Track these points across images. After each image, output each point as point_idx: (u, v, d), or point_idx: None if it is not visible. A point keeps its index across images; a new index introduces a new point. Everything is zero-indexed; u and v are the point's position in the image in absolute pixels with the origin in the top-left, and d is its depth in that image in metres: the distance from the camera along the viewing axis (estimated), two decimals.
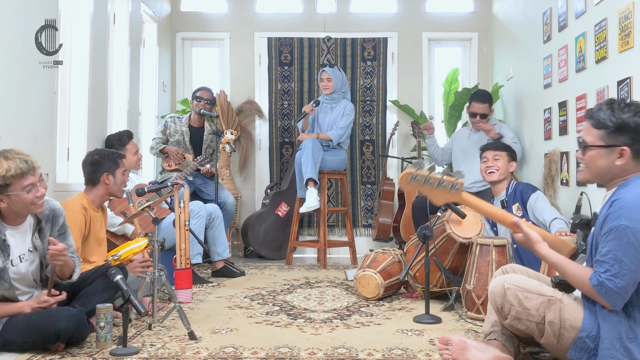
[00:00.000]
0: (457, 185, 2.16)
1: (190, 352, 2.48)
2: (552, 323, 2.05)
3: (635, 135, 2.03)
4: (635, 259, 1.93)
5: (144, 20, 5.52)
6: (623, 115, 2.03)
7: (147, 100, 5.58)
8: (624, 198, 1.99)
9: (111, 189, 3.24)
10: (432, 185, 2.17)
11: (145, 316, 2.74)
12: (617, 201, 2.00)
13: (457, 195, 2.17)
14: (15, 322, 2.43)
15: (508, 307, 2.12)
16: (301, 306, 3.41)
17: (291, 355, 2.44)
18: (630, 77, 3.16)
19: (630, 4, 3.15)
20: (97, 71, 4.34)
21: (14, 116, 3.23)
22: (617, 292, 1.95)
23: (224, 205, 4.76)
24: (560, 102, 4.14)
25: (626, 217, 1.95)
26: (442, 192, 2.16)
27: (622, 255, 1.94)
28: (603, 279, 1.96)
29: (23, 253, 2.53)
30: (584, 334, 2.01)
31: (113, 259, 3.03)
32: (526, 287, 2.13)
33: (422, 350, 2.50)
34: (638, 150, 2.05)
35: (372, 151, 6.18)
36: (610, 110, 2.06)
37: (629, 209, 1.96)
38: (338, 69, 5.23)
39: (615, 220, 1.97)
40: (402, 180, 2.18)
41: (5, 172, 2.36)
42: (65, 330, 2.39)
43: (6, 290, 2.47)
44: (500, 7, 5.78)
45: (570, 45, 3.98)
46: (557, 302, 2.07)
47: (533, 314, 2.08)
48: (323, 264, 4.97)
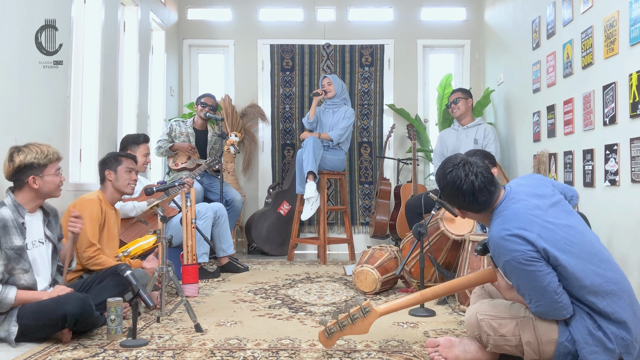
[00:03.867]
0: (367, 308, 2.27)
1: (197, 344, 2.48)
2: (530, 342, 2.03)
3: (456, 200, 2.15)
4: (537, 278, 1.94)
5: (153, 28, 5.52)
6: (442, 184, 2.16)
7: (155, 104, 5.58)
8: (491, 237, 2.03)
9: (114, 184, 3.30)
10: (347, 325, 2.27)
11: (154, 309, 2.74)
12: (489, 241, 2.06)
13: (374, 314, 2.29)
14: (28, 307, 2.45)
15: (486, 337, 2.11)
16: (302, 300, 3.41)
17: (292, 346, 2.44)
18: (615, 82, 3.16)
19: (615, 12, 3.15)
20: (108, 76, 4.34)
21: (29, 119, 3.24)
22: (550, 309, 1.97)
23: (232, 202, 4.77)
24: (549, 106, 4.14)
25: (503, 253, 1.98)
26: (360, 321, 2.28)
27: (525, 284, 1.98)
28: (533, 309, 2.01)
29: (36, 240, 2.61)
30: (562, 339, 2.00)
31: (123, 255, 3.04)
32: (498, 314, 2.11)
33: (417, 342, 2.50)
34: (461, 205, 2.15)
35: (369, 152, 6.18)
36: (438, 177, 2.20)
37: (500, 245, 1.98)
38: (337, 77, 5.32)
39: (499, 258, 2.01)
40: (322, 341, 2.28)
41: (45, 155, 2.57)
42: (71, 313, 2.41)
43: (26, 272, 2.51)
44: (492, 16, 5.78)
45: (558, 52, 3.98)
46: (530, 321, 2.05)
47: (510, 339, 2.07)
48: (323, 260, 4.97)
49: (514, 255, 1.94)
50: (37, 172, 2.55)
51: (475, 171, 2.08)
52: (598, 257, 2.01)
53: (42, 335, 2.49)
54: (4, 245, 2.44)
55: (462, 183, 2.08)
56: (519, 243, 1.94)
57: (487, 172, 2.10)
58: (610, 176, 3.22)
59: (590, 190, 3.41)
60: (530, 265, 1.93)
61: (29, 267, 2.52)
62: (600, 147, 3.34)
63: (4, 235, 2.45)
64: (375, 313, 2.29)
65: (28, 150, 2.55)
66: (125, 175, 3.30)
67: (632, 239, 2.97)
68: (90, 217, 3.07)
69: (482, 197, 2.08)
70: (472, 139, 4.57)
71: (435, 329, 2.73)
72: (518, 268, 1.95)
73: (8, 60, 3.03)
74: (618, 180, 3.13)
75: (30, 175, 2.53)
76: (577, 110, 3.67)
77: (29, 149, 2.56)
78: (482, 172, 2.09)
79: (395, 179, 5.98)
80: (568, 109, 3.79)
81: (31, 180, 2.54)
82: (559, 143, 3.96)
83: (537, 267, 1.93)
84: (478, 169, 2.09)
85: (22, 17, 3.17)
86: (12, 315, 2.45)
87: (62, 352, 2.36)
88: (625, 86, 3.05)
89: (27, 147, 2.57)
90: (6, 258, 2.45)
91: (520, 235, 1.95)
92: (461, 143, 4.62)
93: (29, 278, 2.52)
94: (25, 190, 2.56)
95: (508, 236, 1.96)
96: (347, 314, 2.26)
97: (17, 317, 2.44)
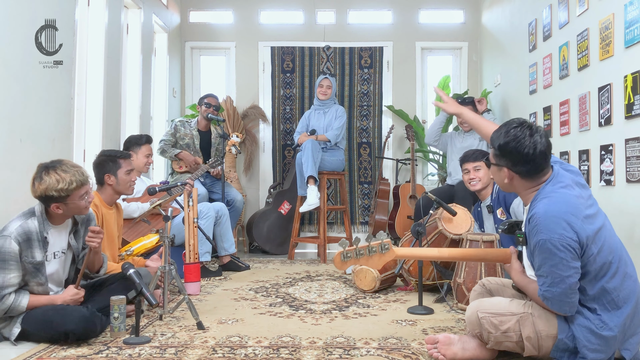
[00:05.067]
0: (387, 245, 2.23)
1: (199, 341, 2.47)
2: (530, 338, 2.04)
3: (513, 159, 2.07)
4: (562, 266, 1.93)
5: (155, 31, 5.52)
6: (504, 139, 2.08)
7: (158, 105, 5.57)
8: (536, 213, 1.99)
9: (115, 188, 3.22)
10: (364, 255, 2.23)
11: (156, 307, 2.74)
12: (532, 217, 2.01)
13: (391, 252, 2.24)
14: (34, 314, 2.43)
15: (487, 335, 2.10)
16: (302, 298, 3.41)
17: (293, 343, 2.44)
18: (610, 83, 3.16)
19: (610, 15, 3.15)
20: (111, 78, 4.34)
21: (34, 120, 3.23)
22: (558, 299, 1.96)
23: (233, 202, 4.76)
24: (545, 107, 4.14)
25: (542, 231, 1.95)
26: (377, 256, 2.23)
27: (551, 265, 1.94)
28: (542, 291, 1.98)
29: (58, 250, 2.58)
30: (562, 336, 2.00)
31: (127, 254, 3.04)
32: (498, 311, 2.11)
33: (416, 339, 2.50)
34: (521, 171, 2.08)
35: (368, 153, 6.18)
36: (499, 132, 2.11)
37: (543, 223, 1.95)
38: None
39: (535, 236, 1.98)
40: (336, 262, 2.25)
41: (67, 185, 2.46)
42: (73, 331, 2.38)
43: (41, 285, 2.49)
44: (489, 18, 5.78)
45: (554, 54, 3.98)
46: (529, 317, 2.05)
47: (511, 335, 2.07)
48: (323, 259, 4.97)
49: (553, 237, 1.92)
50: (59, 200, 2.47)
51: (540, 133, 2.05)
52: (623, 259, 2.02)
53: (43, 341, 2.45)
54: (24, 258, 2.42)
55: (525, 140, 2.03)
56: (563, 227, 1.92)
57: (548, 139, 2.08)
58: (606, 176, 3.22)
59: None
60: (562, 251, 1.92)
61: (44, 281, 2.50)
62: (595, 147, 3.34)
63: (26, 249, 2.43)
64: (392, 253, 2.23)
65: (49, 179, 2.43)
66: (125, 178, 3.23)
67: (627, 238, 2.97)
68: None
69: (540, 160, 2.04)
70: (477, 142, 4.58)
71: (433, 327, 2.73)
72: (550, 250, 1.93)
73: (12, 61, 3.03)
74: (613, 180, 3.14)
75: (52, 204, 2.48)
76: (573, 112, 3.67)
77: (50, 177, 2.44)
78: (546, 137, 2.07)
79: (394, 179, 5.98)
80: (564, 110, 3.79)
81: (54, 207, 2.48)
82: (555, 143, 3.95)
83: (567, 256, 1.92)
84: (543, 132, 2.07)
85: (26, 18, 3.16)
86: (19, 317, 2.44)
87: (67, 349, 2.35)
88: (621, 88, 3.05)
89: (49, 174, 2.45)
90: (24, 270, 2.43)
91: (567, 220, 1.93)
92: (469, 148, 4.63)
93: (42, 290, 2.51)
94: (51, 211, 2.52)
95: (556, 217, 1.94)
96: (367, 245, 2.23)
97: (22, 320, 2.43)
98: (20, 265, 2.41)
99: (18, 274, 2.41)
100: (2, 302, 2.38)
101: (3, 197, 2.91)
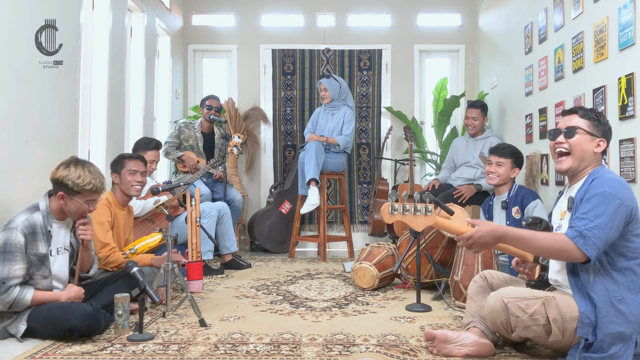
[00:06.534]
0: (431, 210, 2.28)
1: (201, 338, 2.47)
2: (556, 320, 2.03)
3: (609, 134, 2.18)
4: (612, 219, 1.96)
5: (159, 34, 5.52)
6: (602, 117, 2.19)
7: (161, 107, 5.58)
8: (602, 176, 2.07)
9: (120, 187, 3.27)
10: (410, 213, 2.27)
11: (160, 305, 2.74)
12: (597, 178, 2.07)
13: (432, 217, 2.28)
14: (40, 311, 2.44)
15: (514, 320, 2.07)
16: (303, 296, 3.41)
17: (293, 340, 2.44)
18: (604, 85, 3.16)
19: (604, 18, 3.15)
20: (116, 80, 4.34)
21: (40, 122, 3.23)
22: (594, 242, 1.96)
23: (232, 202, 4.76)
24: (541, 109, 4.14)
25: (608, 187, 2.01)
26: (420, 217, 2.28)
27: (602, 213, 1.98)
28: (582, 229, 1.98)
29: (61, 247, 2.60)
30: (583, 310, 1.99)
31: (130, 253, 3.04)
32: (522, 295, 2.10)
33: (414, 336, 2.50)
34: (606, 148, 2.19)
35: (368, 153, 6.18)
36: (592, 110, 2.21)
37: (610, 182, 2.03)
38: (334, 78, 5.13)
39: (599, 188, 2.02)
40: (384, 213, 2.29)
41: (85, 184, 2.50)
42: (78, 328, 2.38)
43: (45, 278, 2.50)
44: (485, 22, 5.78)
45: (550, 57, 3.98)
46: (552, 300, 2.05)
47: (538, 318, 2.05)
48: (323, 257, 4.97)
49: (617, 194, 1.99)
50: (68, 192, 2.50)
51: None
52: None
53: (48, 338, 2.45)
54: (30, 250, 2.44)
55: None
56: (627, 193, 2.02)
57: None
58: None
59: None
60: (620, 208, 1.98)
61: (48, 274, 2.51)
62: None
63: (31, 241, 2.44)
64: (433, 218, 2.27)
65: (73, 171, 2.49)
66: (128, 178, 3.24)
67: None
68: (99, 221, 3.05)
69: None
70: (479, 152, 4.58)
71: (431, 324, 2.73)
72: (609, 201, 1.98)
73: (18, 63, 3.03)
74: None
75: (60, 192, 2.51)
76: None
77: (76, 170, 2.50)
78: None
79: (393, 179, 5.98)
80: (559, 112, 3.79)
81: (60, 195, 2.51)
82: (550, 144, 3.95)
83: (620, 214, 1.98)
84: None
85: (29, 18, 3.15)
86: (24, 314, 2.44)
87: (71, 346, 2.35)
88: (615, 89, 3.05)
89: (76, 167, 2.51)
90: (29, 262, 2.44)
91: (630, 192, 2.05)
92: (469, 153, 4.66)
93: (46, 284, 2.51)
94: (54, 200, 2.55)
95: (622, 185, 2.04)
96: (414, 204, 2.27)
97: (28, 317, 2.43)
98: (25, 257, 2.42)
99: (23, 266, 2.42)
100: (7, 294, 2.38)
101: (10, 196, 2.91)
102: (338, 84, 5.11)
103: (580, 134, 2.14)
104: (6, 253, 2.38)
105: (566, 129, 2.17)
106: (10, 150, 2.94)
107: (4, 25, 2.89)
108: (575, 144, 2.14)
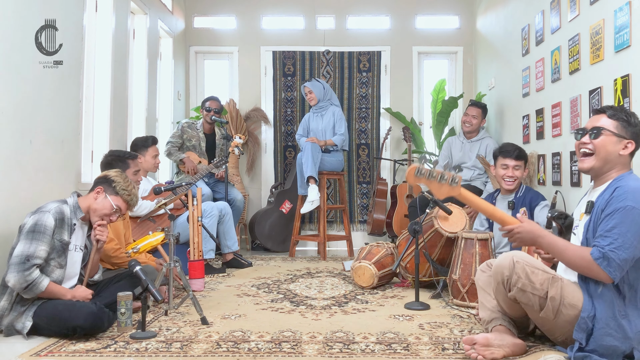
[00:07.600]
0: (457, 179, 2.14)
1: (203, 336, 2.48)
2: (554, 298, 2.02)
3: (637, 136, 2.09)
4: (636, 236, 1.92)
5: (161, 36, 5.52)
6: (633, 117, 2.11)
7: (163, 108, 5.58)
8: (626, 185, 2.00)
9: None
10: (435, 179, 2.14)
11: (162, 303, 2.74)
12: (620, 187, 2.00)
13: (457, 189, 2.14)
14: (45, 308, 2.44)
15: (515, 279, 2.07)
16: (303, 294, 3.41)
17: (294, 338, 2.44)
18: (600, 87, 3.16)
19: (600, 20, 3.15)
20: (118, 81, 4.35)
21: (44, 122, 3.23)
22: (618, 263, 1.92)
23: (233, 201, 4.76)
24: (538, 110, 4.14)
25: (632, 200, 1.95)
26: (444, 186, 2.13)
27: (627, 231, 1.93)
28: (607, 250, 1.94)
29: (79, 245, 2.64)
30: (585, 314, 1.98)
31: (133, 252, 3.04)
32: (533, 263, 2.10)
33: (413, 334, 2.50)
34: (635, 150, 2.10)
35: (367, 154, 6.18)
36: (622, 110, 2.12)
37: (634, 193, 1.96)
38: (317, 80, 5.21)
39: (621, 202, 1.96)
40: (410, 174, 2.15)
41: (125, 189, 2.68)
42: (82, 326, 2.39)
43: (60, 267, 2.53)
44: (483, 24, 5.78)
45: (547, 58, 3.98)
46: (559, 280, 2.05)
47: (537, 288, 2.05)
48: (323, 256, 4.97)
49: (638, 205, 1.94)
50: (107, 189, 2.66)
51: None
52: None
53: (52, 336, 2.45)
54: (56, 235, 2.50)
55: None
56: None
57: None
58: None
59: (577, 190, 3.41)
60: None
61: (64, 264, 2.54)
62: None
63: (59, 227, 2.51)
64: (457, 190, 2.15)
65: (125, 178, 2.72)
66: (132, 179, 3.25)
67: None
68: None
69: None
70: (475, 153, 4.58)
71: (429, 322, 2.73)
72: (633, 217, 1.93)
73: (21, 64, 3.03)
74: None
75: (102, 186, 2.66)
76: (565, 114, 3.67)
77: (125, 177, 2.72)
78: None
79: (392, 179, 5.98)
80: (556, 113, 3.79)
81: (98, 189, 2.65)
82: (547, 145, 3.96)
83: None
84: None
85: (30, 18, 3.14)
86: (30, 310, 2.45)
87: (75, 344, 2.36)
88: (611, 91, 3.05)
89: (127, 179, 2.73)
90: (52, 247, 2.48)
91: None
92: (465, 154, 4.65)
93: (59, 274, 2.53)
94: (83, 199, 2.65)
95: None
96: (441, 171, 2.16)
97: (34, 313, 2.44)
98: (51, 241, 2.47)
99: (47, 248, 2.46)
100: (29, 272, 2.39)
101: (13, 197, 2.91)
102: (321, 85, 5.17)
103: (606, 135, 2.08)
104: (36, 232, 2.44)
105: (592, 129, 2.11)
106: (14, 151, 2.94)
107: (6, 25, 2.89)
108: (599, 145, 2.08)
